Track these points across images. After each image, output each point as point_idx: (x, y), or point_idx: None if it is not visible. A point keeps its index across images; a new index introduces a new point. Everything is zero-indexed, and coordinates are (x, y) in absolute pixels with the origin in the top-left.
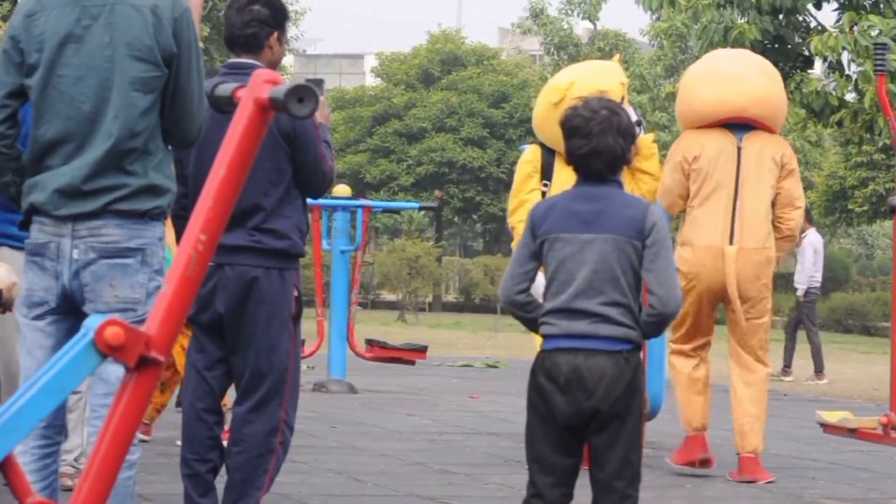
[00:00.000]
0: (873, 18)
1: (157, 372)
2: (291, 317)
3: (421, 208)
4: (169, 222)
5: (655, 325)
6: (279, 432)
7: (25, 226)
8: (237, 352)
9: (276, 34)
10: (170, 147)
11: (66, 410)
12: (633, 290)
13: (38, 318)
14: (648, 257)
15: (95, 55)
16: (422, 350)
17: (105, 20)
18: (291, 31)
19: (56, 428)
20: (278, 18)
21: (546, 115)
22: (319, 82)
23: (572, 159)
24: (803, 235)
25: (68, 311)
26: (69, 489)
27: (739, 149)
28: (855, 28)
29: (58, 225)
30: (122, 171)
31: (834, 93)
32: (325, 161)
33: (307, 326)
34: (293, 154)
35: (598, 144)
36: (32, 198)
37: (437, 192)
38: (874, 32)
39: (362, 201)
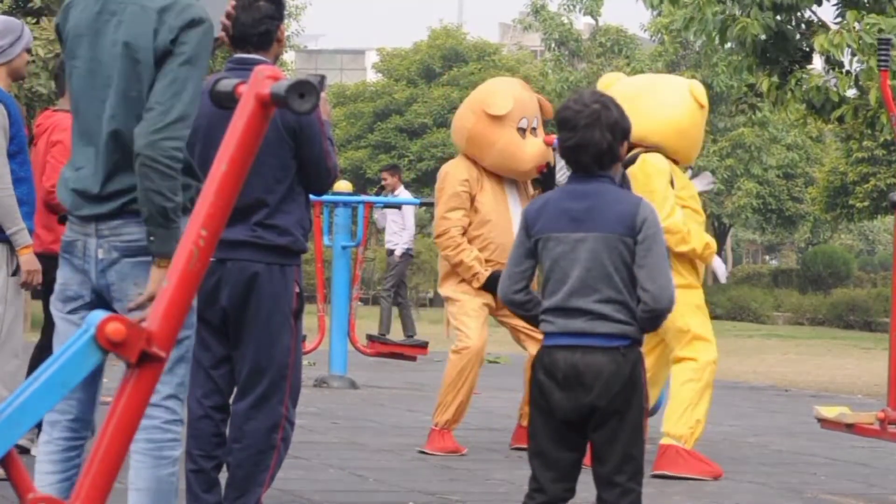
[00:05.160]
0: (875, 17)
1: (159, 368)
2: (293, 313)
3: (422, 204)
4: None
5: (649, 321)
6: (280, 429)
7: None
8: (238, 347)
9: (281, 27)
10: None
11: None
12: (628, 286)
13: (72, 312)
14: (640, 253)
15: (104, 52)
16: (423, 346)
17: (118, 18)
18: (292, 26)
19: (84, 422)
20: (281, 11)
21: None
22: (321, 79)
23: (562, 152)
24: (396, 193)
25: (102, 306)
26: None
27: None
28: (857, 25)
29: (83, 224)
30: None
31: (835, 89)
32: (329, 157)
33: (308, 322)
34: (297, 150)
35: (583, 138)
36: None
37: None
38: (877, 29)
39: (363, 197)
